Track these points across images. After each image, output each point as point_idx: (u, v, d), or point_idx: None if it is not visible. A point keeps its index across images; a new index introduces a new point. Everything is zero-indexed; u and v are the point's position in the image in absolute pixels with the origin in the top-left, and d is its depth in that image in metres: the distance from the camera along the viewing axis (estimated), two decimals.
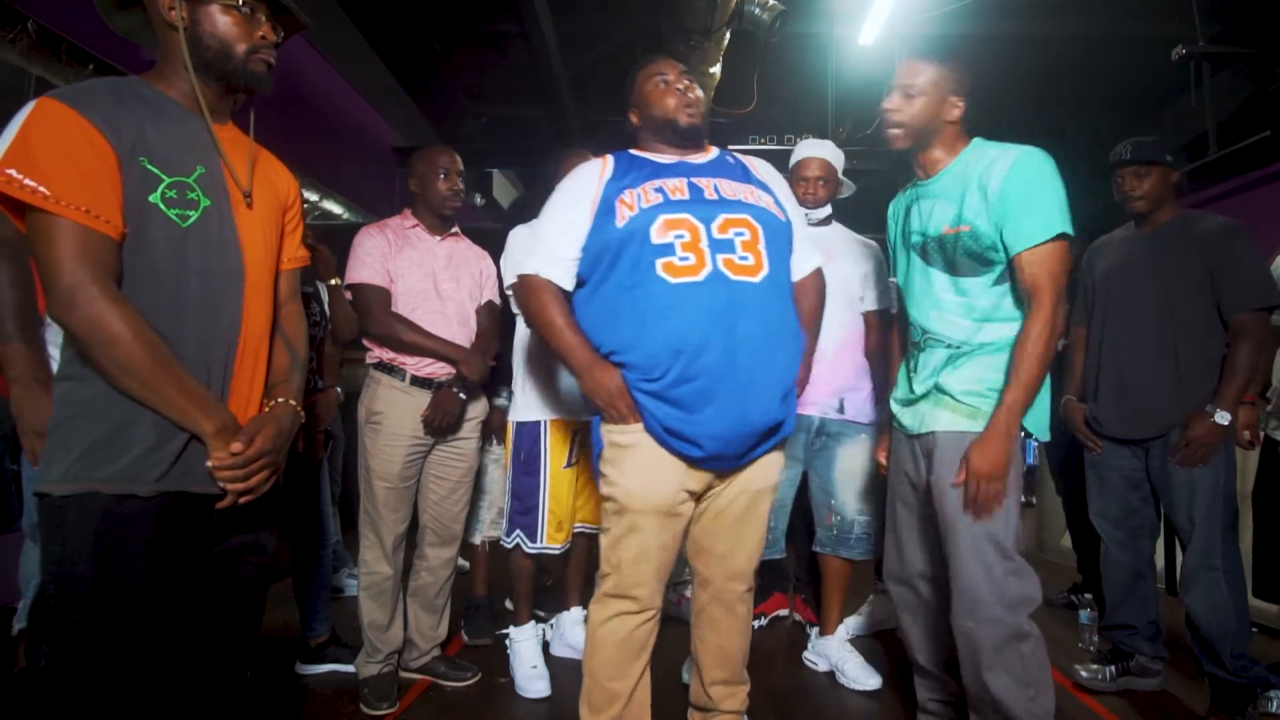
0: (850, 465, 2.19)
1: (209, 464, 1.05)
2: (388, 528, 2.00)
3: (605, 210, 1.49)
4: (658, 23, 4.08)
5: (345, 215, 4.95)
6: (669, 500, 1.45)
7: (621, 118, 1.68)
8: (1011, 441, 1.44)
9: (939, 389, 1.55)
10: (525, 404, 2.13)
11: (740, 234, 1.46)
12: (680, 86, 1.56)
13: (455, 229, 2.15)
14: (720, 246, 1.44)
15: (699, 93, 1.56)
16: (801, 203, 2.18)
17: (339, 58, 4.83)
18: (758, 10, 3.74)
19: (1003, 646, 1.43)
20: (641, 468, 1.45)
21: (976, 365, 1.51)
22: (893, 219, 1.73)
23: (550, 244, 1.53)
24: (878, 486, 2.25)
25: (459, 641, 2.45)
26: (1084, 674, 2.18)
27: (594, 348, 1.48)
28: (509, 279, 2.11)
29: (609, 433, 1.49)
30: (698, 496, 1.51)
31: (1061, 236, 1.43)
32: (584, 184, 1.54)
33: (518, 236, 2.16)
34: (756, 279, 1.45)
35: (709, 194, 1.50)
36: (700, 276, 1.42)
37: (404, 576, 2.08)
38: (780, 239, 1.53)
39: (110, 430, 1.00)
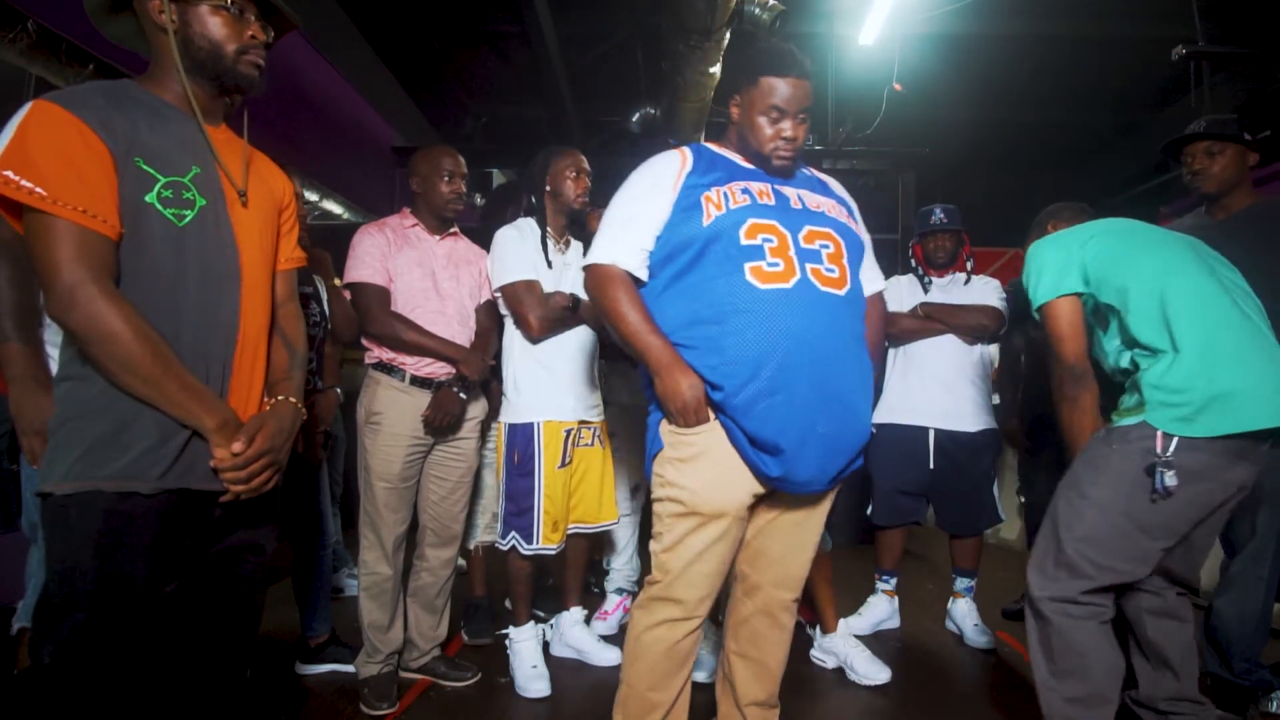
0: None
1: (212, 465, 1.06)
2: (388, 528, 1.99)
3: (687, 205, 1.41)
4: (658, 23, 4.08)
5: (345, 215, 4.95)
6: (738, 504, 1.39)
7: (621, 118, 1.67)
8: None
9: None
10: (518, 405, 2.12)
11: (825, 246, 1.41)
12: (787, 127, 1.44)
13: (454, 228, 2.15)
14: (808, 256, 1.39)
15: (802, 132, 1.46)
16: None
17: (339, 58, 4.83)
18: (758, 10, 3.73)
19: None
20: (711, 471, 1.38)
21: None
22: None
23: (625, 233, 1.44)
24: None
25: (459, 641, 2.44)
26: None
27: (673, 348, 1.39)
28: (497, 282, 2.10)
29: (675, 433, 1.41)
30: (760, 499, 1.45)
31: None
32: (663, 174, 1.46)
33: (505, 239, 2.12)
34: (842, 292, 1.40)
35: (794, 203, 1.45)
36: (789, 284, 1.35)
37: (404, 577, 2.08)
38: (858, 255, 1.49)
39: (112, 429, 1.01)
